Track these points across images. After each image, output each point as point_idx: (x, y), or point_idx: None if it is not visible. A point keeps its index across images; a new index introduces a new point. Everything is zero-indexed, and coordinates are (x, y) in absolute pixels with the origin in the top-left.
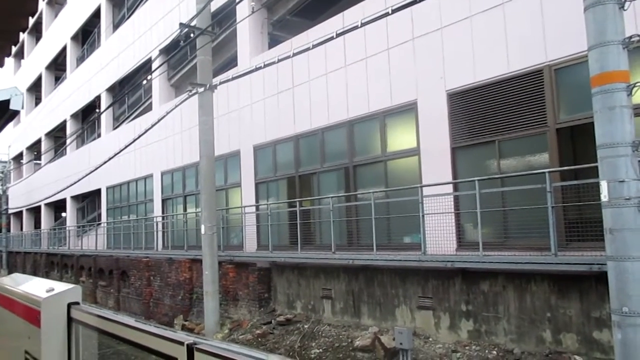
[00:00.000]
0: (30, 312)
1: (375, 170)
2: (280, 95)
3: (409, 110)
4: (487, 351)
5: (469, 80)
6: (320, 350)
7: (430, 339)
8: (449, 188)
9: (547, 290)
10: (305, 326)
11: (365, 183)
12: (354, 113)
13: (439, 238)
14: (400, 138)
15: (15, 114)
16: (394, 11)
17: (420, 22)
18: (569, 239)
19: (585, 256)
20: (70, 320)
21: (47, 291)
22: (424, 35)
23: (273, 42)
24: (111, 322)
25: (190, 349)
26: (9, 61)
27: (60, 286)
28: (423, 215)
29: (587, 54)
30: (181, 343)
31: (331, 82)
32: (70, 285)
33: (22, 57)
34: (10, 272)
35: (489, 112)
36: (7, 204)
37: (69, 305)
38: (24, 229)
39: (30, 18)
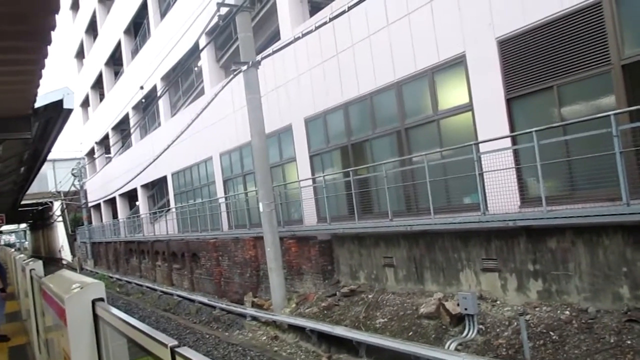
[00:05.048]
0: (60, 310)
1: (428, 131)
2: (325, 64)
3: (457, 64)
4: (559, 311)
5: (520, 24)
6: (385, 319)
7: (498, 302)
8: (507, 142)
9: (621, 243)
10: (370, 296)
11: (419, 145)
12: (401, 74)
13: (500, 196)
14: (451, 94)
15: (69, 112)
16: None
17: None
18: None
19: None
20: (96, 317)
21: (72, 289)
22: None
23: (314, 9)
24: (118, 320)
25: (173, 352)
26: (73, 62)
27: (86, 282)
28: (481, 174)
29: None
30: (165, 345)
31: (375, 44)
32: (94, 281)
33: (84, 57)
34: (95, 262)
35: (544, 56)
36: (86, 197)
37: (94, 302)
38: (103, 220)
39: (56, 17)
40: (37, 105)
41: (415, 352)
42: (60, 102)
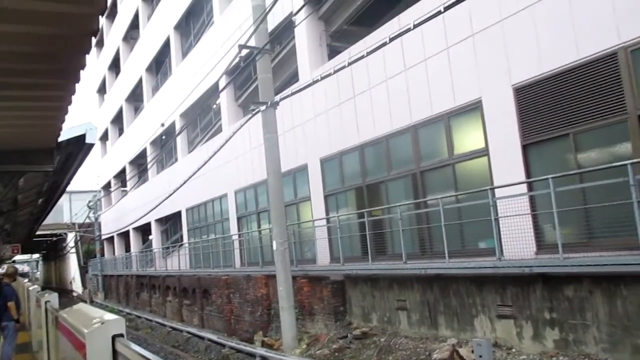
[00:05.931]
0: (79, 344)
1: (443, 174)
2: (342, 105)
3: (473, 109)
4: None
5: (536, 72)
6: None
7: (513, 350)
8: (523, 188)
9: (639, 293)
10: (382, 339)
11: (434, 188)
12: (417, 117)
13: (516, 242)
14: (467, 139)
15: (91, 147)
16: (446, 9)
17: (479, 16)
18: None
19: None
20: (115, 352)
21: (93, 324)
22: (484, 30)
23: (333, 53)
24: (138, 356)
25: None
26: (95, 97)
27: (107, 318)
28: (496, 219)
29: None
30: None
31: (392, 88)
32: (114, 317)
33: (105, 92)
34: (106, 295)
35: (561, 104)
36: (100, 230)
37: (114, 338)
38: (116, 253)
39: (86, 57)
40: (60, 139)
41: None
42: (82, 136)
